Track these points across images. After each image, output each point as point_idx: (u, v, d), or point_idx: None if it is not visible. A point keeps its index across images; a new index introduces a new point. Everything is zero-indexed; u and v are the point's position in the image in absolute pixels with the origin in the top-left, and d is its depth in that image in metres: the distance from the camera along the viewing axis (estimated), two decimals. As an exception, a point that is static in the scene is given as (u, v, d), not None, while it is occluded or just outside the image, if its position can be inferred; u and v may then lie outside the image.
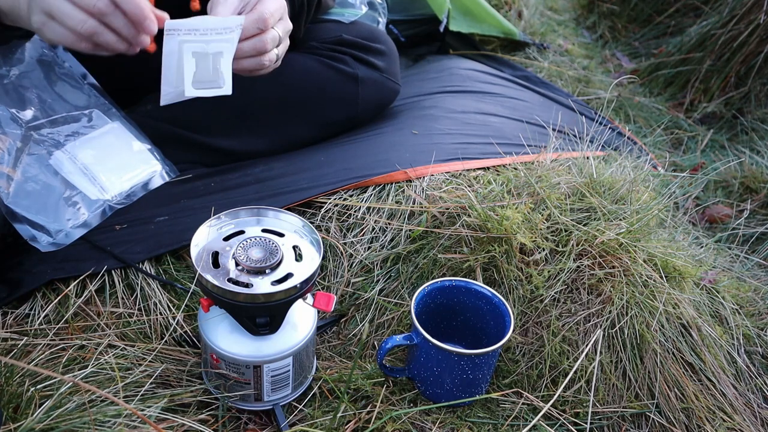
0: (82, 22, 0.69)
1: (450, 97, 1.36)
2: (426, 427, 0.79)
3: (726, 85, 1.83)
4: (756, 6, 1.73)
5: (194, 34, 0.71)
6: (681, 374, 0.87)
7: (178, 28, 0.71)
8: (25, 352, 0.78)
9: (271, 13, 0.76)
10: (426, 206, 0.97)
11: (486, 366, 0.80)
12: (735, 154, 1.62)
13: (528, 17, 2.05)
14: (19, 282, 0.85)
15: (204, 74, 0.74)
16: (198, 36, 0.72)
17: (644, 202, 0.96)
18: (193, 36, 0.71)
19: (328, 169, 1.05)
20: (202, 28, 0.72)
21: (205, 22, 0.72)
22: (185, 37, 0.71)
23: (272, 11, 0.76)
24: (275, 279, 0.71)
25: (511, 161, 1.08)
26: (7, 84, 0.90)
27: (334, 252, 0.98)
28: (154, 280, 0.89)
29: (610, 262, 0.88)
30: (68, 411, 0.65)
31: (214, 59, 0.74)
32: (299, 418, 0.80)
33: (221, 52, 0.74)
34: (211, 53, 0.73)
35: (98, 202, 0.93)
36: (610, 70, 2.00)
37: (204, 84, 0.75)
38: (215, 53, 0.73)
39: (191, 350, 0.85)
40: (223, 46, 0.74)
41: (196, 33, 0.71)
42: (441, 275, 0.92)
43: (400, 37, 1.70)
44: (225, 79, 0.76)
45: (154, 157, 1.01)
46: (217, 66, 0.74)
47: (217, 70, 0.75)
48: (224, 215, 0.77)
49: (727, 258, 1.15)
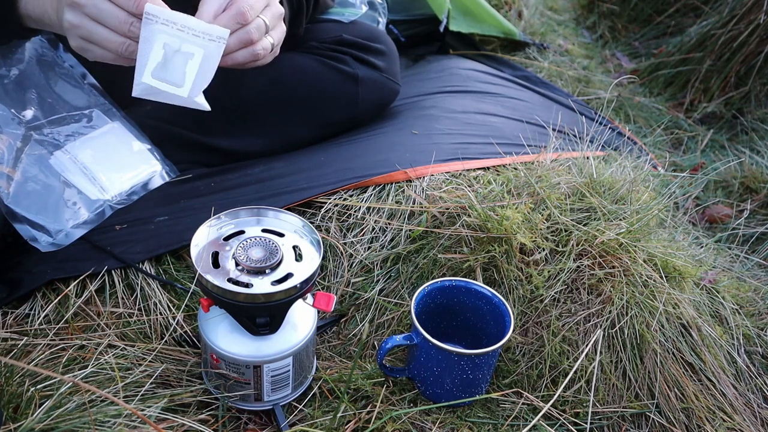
0: (121, 44, 0.72)
1: (450, 97, 1.36)
2: (426, 427, 0.79)
3: (726, 85, 1.83)
4: (756, 6, 1.73)
5: (171, 27, 0.69)
6: (681, 374, 0.87)
7: (156, 15, 0.69)
8: (25, 352, 0.78)
9: (250, 5, 0.74)
10: (426, 206, 0.97)
11: (486, 366, 0.80)
12: (735, 154, 1.62)
13: (528, 17, 2.05)
14: (19, 282, 0.85)
15: (167, 68, 0.72)
16: (174, 30, 0.70)
17: (644, 202, 0.96)
18: (170, 28, 0.69)
19: (328, 169, 1.05)
20: (181, 24, 0.70)
21: (187, 20, 0.70)
22: (161, 27, 0.70)
23: (252, 3, 0.75)
24: (275, 279, 0.71)
25: (511, 161, 1.08)
26: (7, 84, 0.90)
27: (334, 252, 0.98)
28: (154, 280, 0.89)
29: (610, 262, 0.88)
30: (68, 411, 0.65)
31: (182, 57, 0.71)
32: (299, 418, 0.80)
33: (192, 54, 0.71)
34: (182, 51, 0.71)
35: (98, 202, 0.93)
36: (610, 70, 2.00)
37: (163, 78, 0.72)
38: (186, 53, 0.71)
39: (191, 350, 0.85)
40: (197, 50, 0.71)
41: (173, 26, 0.69)
42: (441, 275, 0.92)
43: (400, 37, 1.70)
44: (186, 83, 0.73)
45: (154, 157, 1.01)
46: (183, 66, 0.72)
47: (182, 70, 0.72)
48: (224, 215, 0.77)
49: (727, 258, 1.15)
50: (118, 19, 0.70)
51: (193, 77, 0.73)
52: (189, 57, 0.72)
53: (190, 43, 0.71)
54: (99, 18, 0.70)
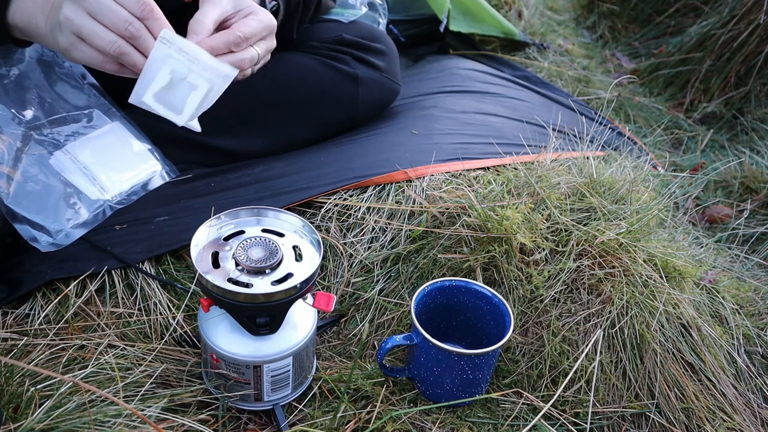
0: (111, 42, 0.71)
1: (450, 97, 1.36)
2: (426, 427, 0.79)
3: (726, 85, 1.83)
4: (756, 6, 1.73)
5: (183, 56, 0.71)
6: (681, 374, 0.87)
7: (171, 41, 0.70)
8: (25, 352, 0.78)
9: (245, 36, 0.75)
10: (426, 206, 0.97)
11: (486, 366, 0.80)
12: (735, 154, 1.62)
13: (528, 17, 2.05)
14: (19, 282, 0.85)
15: (169, 94, 0.73)
16: (185, 59, 0.71)
17: (644, 202, 0.96)
18: (181, 57, 0.71)
19: (328, 169, 1.05)
20: (193, 56, 0.71)
21: (199, 53, 0.71)
22: (173, 53, 0.71)
23: (248, 34, 0.76)
24: (275, 279, 0.71)
25: (511, 161, 1.08)
26: (7, 84, 0.90)
27: (334, 252, 0.98)
28: (154, 280, 0.89)
29: (610, 262, 0.88)
30: (68, 411, 0.65)
31: (187, 88, 0.72)
32: (299, 418, 0.80)
33: (197, 86, 0.72)
34: (188, 81, 0.72)
35: (98, 202, 0.93)
36: (610, 70, 2.00)
37: (164, 102, 0.73)
38: (191, 84, 0.72)
39: (191, 350, 0.85)
40: (202, 84, 0.72)
41: (186, 56, 0.71)
42: (441, 275, 0.92)
43: (400, 37, 1.70)
44: (185, 111, 0.74)
45: (154, 157, 1.01)
46: (186, 95, 0.73)
47: (183, 98, 0.73)
48: (224, 215, 0.77)
49: (727, 258, 1.15)
50: (117, 16, 0.69)
51: (193, 107, 0.74)
52: (193, 88, 0.73)
53: (198, 76, 0.72)
54: (97, 14, 0.70)
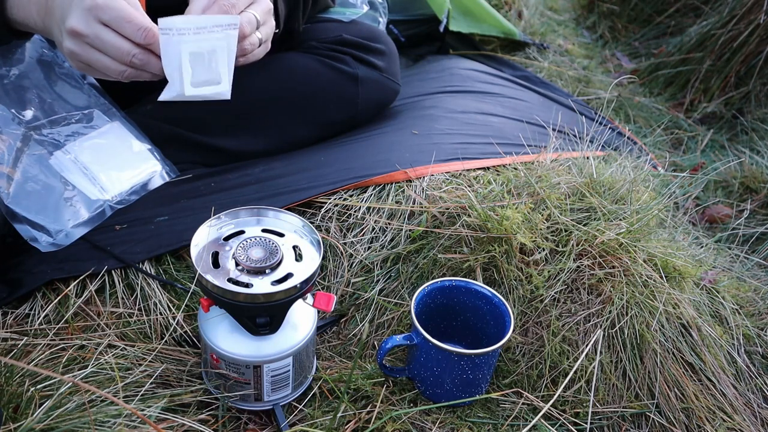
0: (121, 72, 0.73)
1: (450, 97, 1.36)
2: (426, 427, 0.79)
3: (726, 85, 1.83)
4: (756, 6, 1.73)
5: (187, 33, 0.71)
6: (681, 374, 0.87)
7: (170, 27, 0.70)
8: (25, 352, 0.78)
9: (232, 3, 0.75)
10: (426, 206, 0.97)
11: (486, 366, 0.80)
12: (735, 154, 1.62)
13: (528, 17, 2.05)
14: (19, 282, 0.85)
15: (201, 73, 0.74)
16: (191, 35, 0.71)
17: (644, 202, 0.96)
18: (187, 36, 0.71)
19: (328, 169, 1.05)
20: (194, 27, 0.71)
21: (197, 20, 0.71)
22: (179, 37, 0.71)
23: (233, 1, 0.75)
24: (275, 279, 0.71)
25: (511, 161, 1.08)
26: (7, 84, 0.90)
27: (334, 252, 0.98)
28: (154, 280, 0.89)
29: (610, 262, 0.88)
30: (68, 411, 0.65)
31: (209, 57, 0.73)
32: (299, 418, 0.80)
33: (215, 50, 0.73)
34: (206, 51, 0.73)
35: (98, 202, 0.93)
36: (610, 70, 2.00)
37: (202, 82, 0.75)
38: (209, 51, 0.73)
39: (191, 350, 0.85)
40: (216, 44, 0.73)
41: (188, 32, 0.71)
42: (441, 275, 0.92)
43: (400, 37, 1.70)
44: (223, 78, 0.76)
45: (154, 157, 1.01)
46: (213, 64, 0.74)
47: (213, 68, 0.74)
48: (224, 215, 0.77)
49: (727, 258, 1.15)
50: (120, 51, 0.71)
51: (226, 70, 0.75)
52: (213, 54, 0.74)
53: (210, 41, 0.73)
54: (101, 48, 0.70)
